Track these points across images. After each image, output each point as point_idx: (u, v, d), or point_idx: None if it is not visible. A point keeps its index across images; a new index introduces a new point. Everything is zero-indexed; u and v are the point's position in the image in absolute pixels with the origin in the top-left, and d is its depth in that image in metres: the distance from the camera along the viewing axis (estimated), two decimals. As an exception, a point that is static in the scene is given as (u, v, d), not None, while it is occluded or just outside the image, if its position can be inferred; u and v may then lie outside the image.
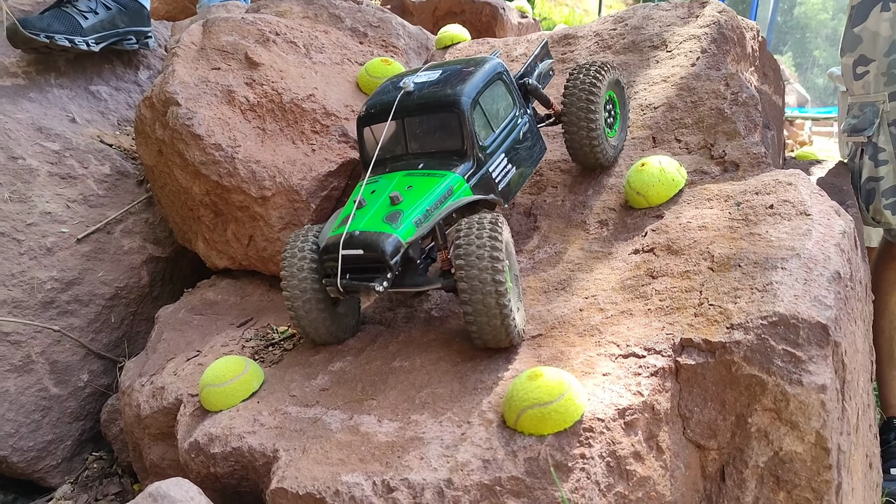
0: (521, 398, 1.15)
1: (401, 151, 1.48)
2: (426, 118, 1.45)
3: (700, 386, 1.21)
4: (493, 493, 1.10)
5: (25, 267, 2.00)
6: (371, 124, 1.50)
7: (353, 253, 1.32)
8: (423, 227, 1.35)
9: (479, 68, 1.50)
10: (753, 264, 1.30)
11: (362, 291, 1.35)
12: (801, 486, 1.16)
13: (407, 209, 1.35)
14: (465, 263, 1.25)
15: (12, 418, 1.86)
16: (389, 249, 1.30)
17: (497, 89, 1.51)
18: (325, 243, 1.39)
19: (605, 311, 1.38)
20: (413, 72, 1.57)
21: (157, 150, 1.86)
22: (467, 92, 1.43)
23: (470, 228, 1.28)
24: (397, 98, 1.45)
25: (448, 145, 1.44)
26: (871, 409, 1.60)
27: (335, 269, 1.34)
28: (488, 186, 1.47)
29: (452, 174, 1.41)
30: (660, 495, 1.15)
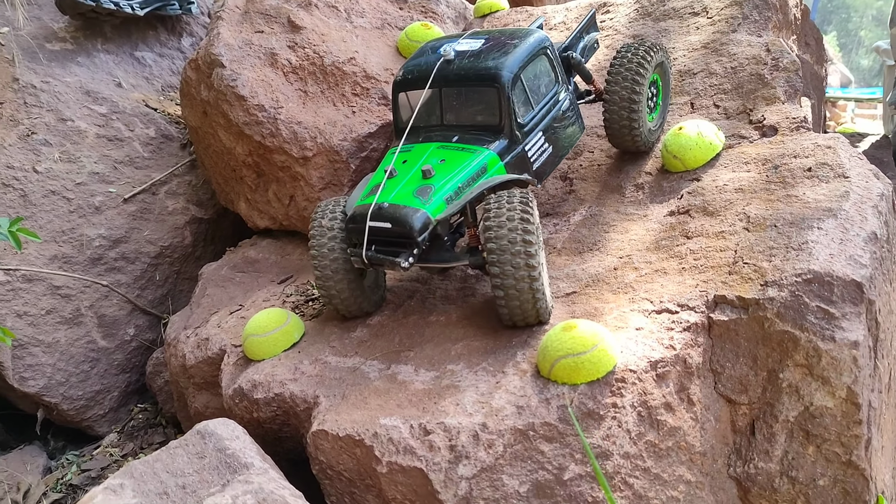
0: (556, 348, 1.18)
1: (436, 121, 1.44)
2: (465, 90, 1.40)
3: (732, 342, 1.23)
4: (527, 438, 1.13)
5: (75, 224, 2.07)
6: (407, 90, 1.46)
7: (380, 225, 1.29)
8: (454, 205, 1.31)
9: (524, 41, 1.44)
10: (789, 224, 1.31)
11: (387, 265, 1.32)
12: (830, 441, 1.17)
13: (438, 184, 1.31)
14: (496, 247, 1.22)
15: (63, 368, 1.93)
16: (418, 225, 1.27)
17: (540, 64, 1.46)
18: (351, 212, 1.35)
19: (640, 269, 1.40)
20: (454, 37, 1.52)
21: (201, 112, 1.90)
22: (509, 66, 1.38)
23: (500, 209, 1.24)
24: (436, 65, 1.41)
25: (485, 120, 1.40)
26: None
27: (361, 240, 1.31)
28: (523, 165, 1.43)
29: (487, 150, 1.37)
30: (689, 445, 1.17)
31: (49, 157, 2.14)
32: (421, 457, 1.14)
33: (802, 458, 1.19)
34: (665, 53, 1.63)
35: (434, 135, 1.42)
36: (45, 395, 1.89)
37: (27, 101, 2.24)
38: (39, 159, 2.13)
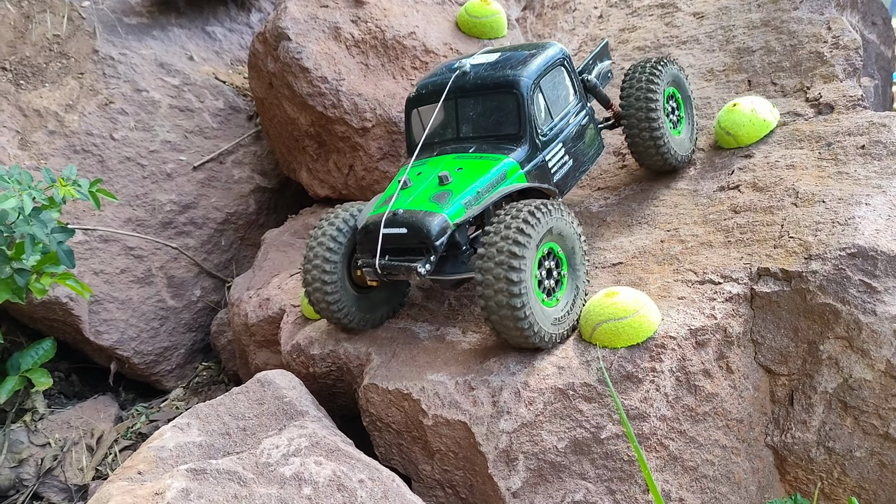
0: (598, 313, 1.22)
1: (451, 135, 1.39)
2: (482, 99, 1.36)
3: (774, 313, 1.25)
4: (566, 397, 1.18)
5: (148, 189, 2.19)
6: (420, 106, 1.42)
7: (395, 232, 1.23)
8: (473, 209, 1.25)
9: (541, 52, 1.41)
10: (838, 200, 1.32)
11: (402, 273, 1.24)
12: (868, 413, 1.19)
13: (457, 189, 1.25)
14: (483, 253, 1.15)
15: (134, 324, 2.06)
16: (436, 230, 1.20)
17: (559, 75, 1.42)
18: (364, 225, 1.29)
19: (686, 242, 1.42)
20: (470, 55, 1.49)
21: (267, 83, 1.99)
22: (528, 74, 1.34)
23: (504, 216, 1.18)
24: (451, 78, 1.37)
25: (504, 129, 1.35)
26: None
27: (374, 249, 1.24)
28: (544, 176, 1.37)
29: (507, 158, 1.31)
30: (726, 412, 1.21)
31: (125, 126, 2.26)
32: (465, 411, 1.20)
33: (840, 429, 1.21)
34: (675, 65, 1.57)
35: (449, 148, 1.37)
36: (118, 348, 2.02)
37: (106, 72, 2.36)
38: (116, 127, 2.25)
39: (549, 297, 1.19)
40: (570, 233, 1.22)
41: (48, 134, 2.17)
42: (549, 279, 1.19)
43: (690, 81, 1.88)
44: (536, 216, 1.16)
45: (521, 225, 1.14)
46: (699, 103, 1.79)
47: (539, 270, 1.16)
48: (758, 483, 1.25)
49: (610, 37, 2.26)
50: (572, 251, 1.24)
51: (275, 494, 1.04)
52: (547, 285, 1.18)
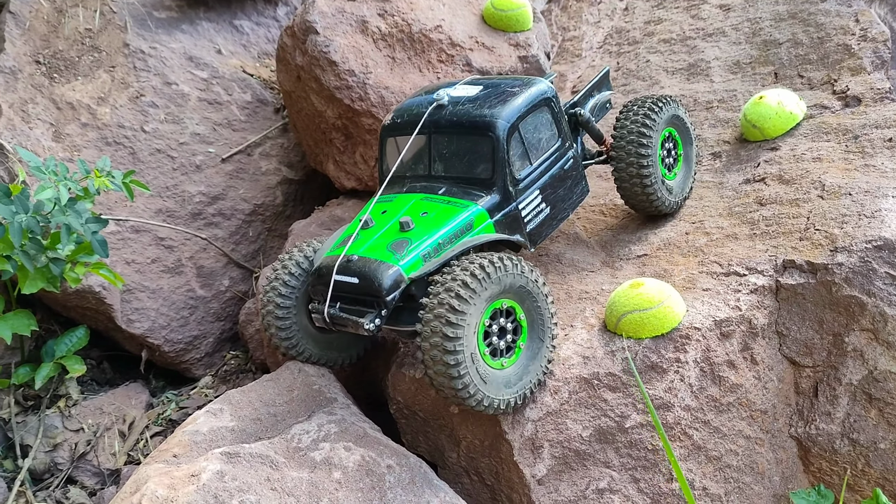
0: (623, 304, 1.23)
1: (422, 171, 1.32)
2: (456, 138, 1.29)
3: (799, 305, 1.26)
4: (591, 386, 1.20)
5: (178, 181, 2.22)
6: (396, 135, 1.35)
7: (346, 280, 1.17)
8: (431, 263, 1.19)
9: (525, 90, 1.33)
10: (864, 193, 1.32)
11: (350, 326, 1.19)
12: (893, 405, 1.20)
13: (416, 239, 1.19)
14: (426, 303, 1.11)
15: (165, 313, 2.10)
16: (388, 283, 1.15)
17: (541, 116, 1.33)
18: (318, 265, 1.24)
19: (711, 234, 1.43)
20: (451, 83, 1.42)
21: (295, 76, 2.02)
22: (506, 115, 1.26)
23: (454, 267, 1.12)
24: (428, 110, 1.31)
25: (476, 173, 1.28)
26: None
27: (325, 294, 1.20)
28: (515, 225, 1.30)
29: (475, 206, 1.25)
30: (750, 402, 1.22)
31: (156, 118, 2.30)
32: (491, 399, 1.22)
33: (864, 420, 1.22)
34: (677, 105, 1.49)
35: (419, 185, 1.32)
36: (149, 336, 2.06)
37: (136, 66, 2.40)
38: (147, 120, 2.29)
39: (496, 359, 1.12)
40: (535, 291, 1.14)
41: (81, 126, 2.22)
42: (500, 340, 1.12)
43: (717, 74, 1.88)
44: (487, 271, 1.08)
45: (468, 279, 1.08)
46: (724, 97, 1.79)
47: (488, 330, 1.10)
48: (781, 474, 1.26)
49: (635, 29, 2.26)
50: (538, 311, 1.15)
51: (306, 478, 1.07)
52: (498, 346, 1.11)
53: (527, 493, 1.17)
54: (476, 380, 1.08)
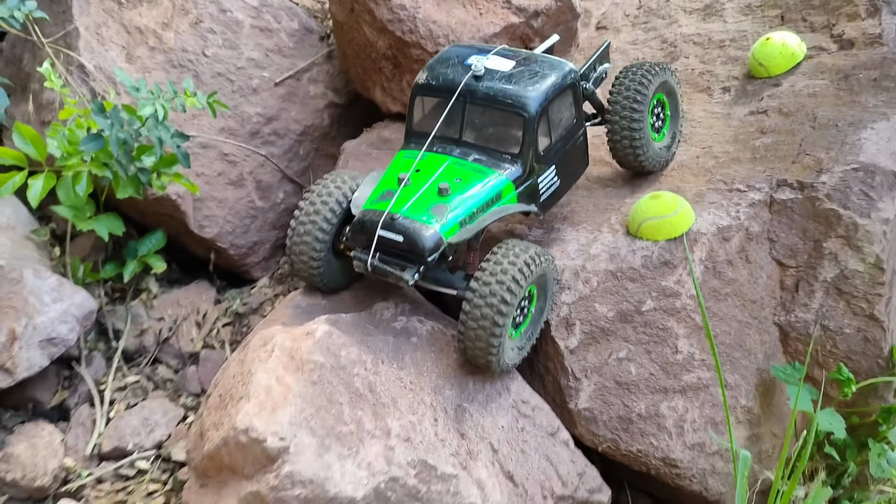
0: (644, 212, 1.51)
1: (454, 135, 1.42)
2: (490, 111, 1.40)
3: (788, 217, 1.53)
4: (615, 277, 1.48)
5: (237, 102, 2.46)
6: (429, 95, 1.46)
7: (391, 237, 1.29)
8: (466, 230, 1.34)
9: (556, 72, 1.44)
10: (849, 124, 1.58)
11: (390, 277, 1.32)
12: (857, 297, 1.48)
13: (454, 205, 1.32)
14: (476, 289, 1.26)
15: (230, 220, 2.36)
16: (430, 245, 1.28)
17: (565, 99, 1.46)
18: (360, 217, 1.35)
19: (718, 158, 1.69)
20: (484, 49, 1.50)
21: (349, 9, 2.23)
22: (538, 97, 1.38)
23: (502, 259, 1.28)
24: (465, 78, 1.40)
25: (506, 146, 1.40)
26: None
27: (368, 246, 1.32)
28: (533, 196, 1.45)
29: (503, 177, 1.39)
30: (743, 294, 1.51)
31: (214, 44, 2.51)
32: (533, 287, 1.50)
33: (834, 310, 1.51)
34: (669, 72, 1.62)
35: (450, 148, 1.42)
36: (217, 240, 2.33)
37: (193, -7, 2.59)
38: (207, 45, 2.50)
39: (516, 330, 1.35)
40: (550, 274, 1.37)
41: (149, 49, 2.44)
42: (520, 315, 1.34)
43: (729, 15, 2.10)
44: (531, 268, 1.28)
45: (518, 275, 1.26)
46: (735, 37, 2.02)
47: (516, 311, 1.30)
48: (765, 352, 1.56)
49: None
50: (545, 290, 1.39)
51: (391, 341, 1.36)
52: (518, 321, 1.34)
53: (561, 360, 1.47)
54: (503, 351, 1.31)
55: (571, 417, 1.46)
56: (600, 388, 1.46)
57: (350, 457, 1.17)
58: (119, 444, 1.86)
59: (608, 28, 2.37)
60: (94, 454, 1.86)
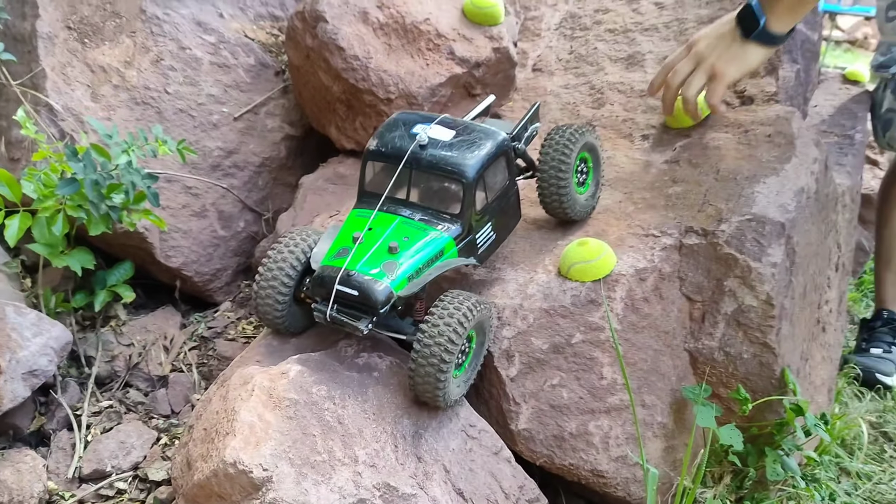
0: (572, 256, 1.73)
1: (402, 196, 1.59)
2: (433, 177, 1.56)
3: (695, 258, 1.78)
4: (549, 314, 1.70)
5: (199, 137, 2.61)
6: (378, 160, 1.62)
7: (347, 291, 1.45)
8: (414, 284, 1.50)
9: (490, 141, 1.61)
10: (745, 178, 1.84)
11: (347, 327, 1.48)
12: (753, 328, 1.74)
13: (402, 262, 1.49)
14: (426, 330, 1.44)
15: (195, 249, 2.52)
16: (382, 298, 1.44)
17: (500, 164, 1.64)
18: (319, 272, 1.51)
19: (637, 203, 1.93)
20: (427, 118, 1.65)
21: (305, 55, 2.41)
22: (476, 165, 1.55)
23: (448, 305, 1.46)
24: (411, 147, 1.56)
25: (447, 207, 1.57)
26: (831, 288, 2.15)
27: (327, 299, 1.48)
28: (471, 250, 1.63)
29: (445, 235, 1.56)
30: (658, 326, 1.75)
31: (176, 81, 2.66)
32: (478, 323, 1.72)
33: (734, 339, 1.77)
34: (592, 133, 1.83)
35: (399, 208, 1.58)
36: (183, 269, 2.49)
37: (153, 31, 2.73)
38: (168, 82, 2.65)
39: (458, 369, 1.55)
40: (486, 323, 1.58)
41: (113, 88, 2.57)
42: (461, 356, 1.54)
43: (650, 66, 2.35)
44: (472, 315, 1.47)
45: (462, 319, 1.44)
46: (656, 87, 2.26)
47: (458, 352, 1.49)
48: (677, 375, 1.81)
49: (586, 16, 2.70)
50: (483, 335, 1.59)
51: (355, 376, 1.56)
52: (459, 361, 1.54)
53: (503, 387, 1.69)
54: (448, 388, 1.50)
55: (513, 437, 1.69)
56: (537, 411, 1.68)
57: (324, 482, 1.36)
58: (98, 467, 2.00)
59: (543, 70, 2.61)
60: (76, 477, 2.00)
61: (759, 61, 1.88)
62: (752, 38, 1.83)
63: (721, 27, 1.89)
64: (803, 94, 2.61)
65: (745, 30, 1.84)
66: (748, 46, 1.84)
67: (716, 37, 1.89)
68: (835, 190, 2.10)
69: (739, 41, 1.84)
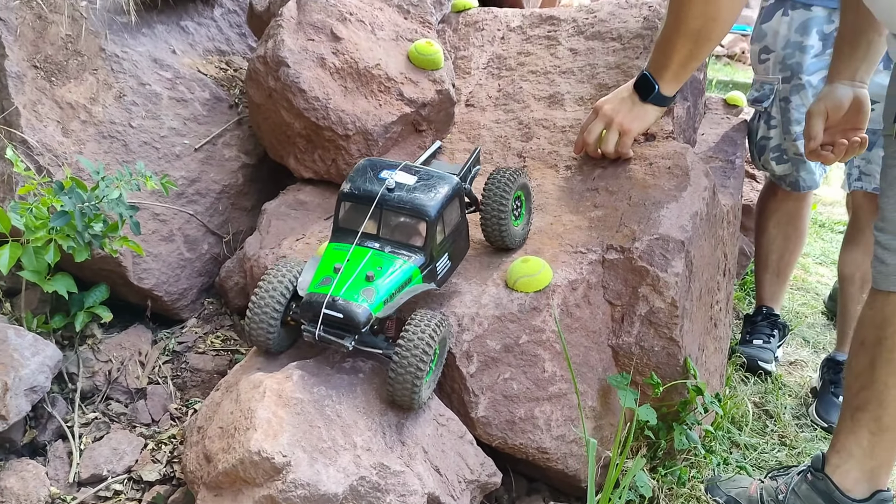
0: (517, 271, 2.09)
1: (373, 232, 1.83)
2: (401, 216, 1.81)
3: (615, 271, 2.18)
4: (500, 320, 2.06)
5: (164, 168, 2.83)
6: (351, 202, 1.86)
7: (333, 314, 1.68)
8: (389, 307, 1.74)
9: (447, 185, 1.87)
10: (653, 204, 2.25)
11: (334, 345, 1.73)
12: (662, 326, 2.15)
13: (378, 288, 1.72)
14: (403, 345, 1.70)
15: (164, 271, 2.74)
16: (363, 320, 1.67)
17: (454, 204, 1.90)
18: (307, 298, 1.73)
19: (566, 225, 2.32)
20: (392, 165, 1.91)
21: (267, 95, 2.68)
22: (437, 206, 1.81)
23: (419, 322, 1.74)
24: (380, 191, 1.82)
25: (413, 241, 1.82)
26: (720, 290, 2.61)
27: (315, 321, 1.72)
28: (433, 277, 1.88)
29: (412, 265, 1.81)
30: (587, 327, 2.13)
31: (139, 115, 2.87)
32: (441, 330, 2.05)
33: (647, 335, 2.17)
34: (525, 176, 2.12)
35: (370, 242, 1.83)
36: (154, 290, 2.70)
37: (114, 68, 2.93)
38: (132, 117, 2.86)
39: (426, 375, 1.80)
40: (448, 336, 1.87)
41: (81, 123, 2.76)
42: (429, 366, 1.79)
43: (568, 105, 2.75)
44: (439, 331, 1.76)
45: (433, 334, 1.73)
46: (573, 124, 2.67)
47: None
48: (603, 367, 2.19)
49: (511, 57, 3.08)
50: (445, 345, 1.86)
51: (345, 378, 1.86)
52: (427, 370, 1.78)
53: (464, 382, 2.02)
54: (421, 394, 1.76)
55: (473, 423, 2.03)
56: (492, 401, 2.04)
57: (331, 464, 1.67)
58: (95, 472, 2.22)
59: (475, 106, 2.97)
60: (75, 482, 2.21)
61: (656, 117, 2.36)
62: (648, 101, 2.28)
63: (621, 93, 2.33)
64: (693, 126, 3.08)
65: (642, 95, 2.29)
66: (647, 107, 2.31)
67: (618, 101, 2.32)
68: (721, 210, 2.56)
69: (639, 104, 2.28)
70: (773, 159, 3.37)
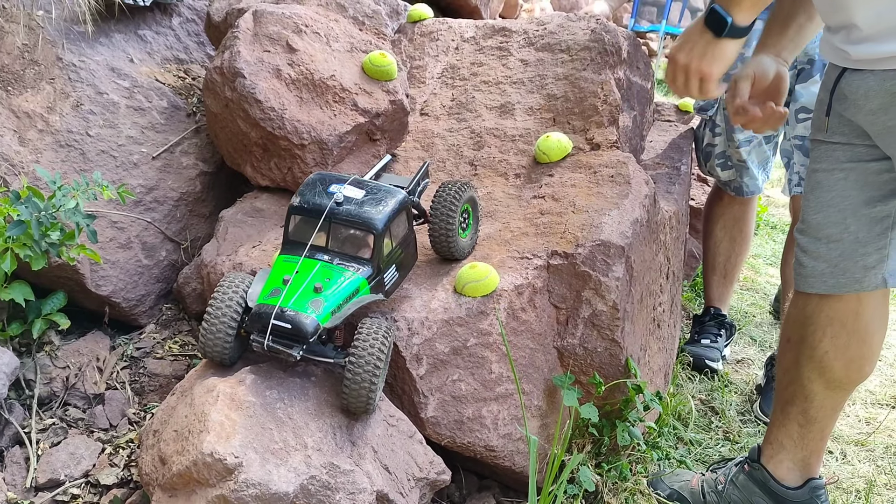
0: (465, 277, 2.18)
1: (321, 244, 1.87)
2: (349, 229, 1.86)
3: (559, 275, 2.27)
4: (448, 324, 2.14)
5: (122, 176, 2.87)
6: (301, 215, 1.90)
7: (281, 325, 1.72)
8: (336, 317, 1.77)
9: (394, 199, 1.92)
10: (595, 211, 2.35)
11: (282, 354, 1.76)
12: (604, 328, 2.25)
13: (326, 299, 1.76)
14: (356, 353, 1.77)
15: (122, 278, 2.78)
16: (311, 330, 1.71)
17: (402, 217, 1.95)
18: (257, 309, 1.77)
19: (513, 232, 2.41)
20: (340, 179, 1.96)
21: (224, 105, 2.73)
22: (384, 219, 1.86)
23: (370, 331, 1.81)
24: (329, 204, 1.86)
25: (360, 253, 1.87)
26: (663, 293, 2.72)
27: (264, 332, 1.75)
28: (380, 288, 1.93)
29: (360, 277, 1.85)
30: (533, 329, 2.23)
31: (96, 124, 2.91)
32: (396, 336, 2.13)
33: (590, 336, 2.27)
34: (473, 190, 2.19)
35: (319, 255, 1.87)
36: (112, 297, 2.74)
37: (71, 77, 2.96)
38: (89, 126, 2.89)
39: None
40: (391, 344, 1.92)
41: (38, 132, 2.79)
42: None
43: (519, 115, 2.85)
44: (388, 339, 1.85)
45: (385, 343, 1.82)
46: (523, 133, 2.76)
47: None
48: (549, 367, 2.29)
49: (464, 67, 3.17)
50: (389, 352, 1.91)
51: (297, 381, 1.93)
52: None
53: (414, 384, 2.10)
54: (375, 402, 1.85)
55: (422, 423, 2.11)
56: (441, 402, 2.12)
57: (282, 465, 1.73)
58: (52, 476, 2.26)
59: (429, 115, 3.05)
60: (32, 487, 2.24)
61: (735, 54, 2.01)
62: (724, 35, 1.95)
63: (692, 36, 2.01)
64: (640, 134, 3.19)
65: (716, 31, 1.95)
66: (723, 43, 1.96)
67: (690, 45, 2.01)
68: (662, 216, 2.67)
69: (714, 42, 1.96)
70: (718, 165, 3.50)
